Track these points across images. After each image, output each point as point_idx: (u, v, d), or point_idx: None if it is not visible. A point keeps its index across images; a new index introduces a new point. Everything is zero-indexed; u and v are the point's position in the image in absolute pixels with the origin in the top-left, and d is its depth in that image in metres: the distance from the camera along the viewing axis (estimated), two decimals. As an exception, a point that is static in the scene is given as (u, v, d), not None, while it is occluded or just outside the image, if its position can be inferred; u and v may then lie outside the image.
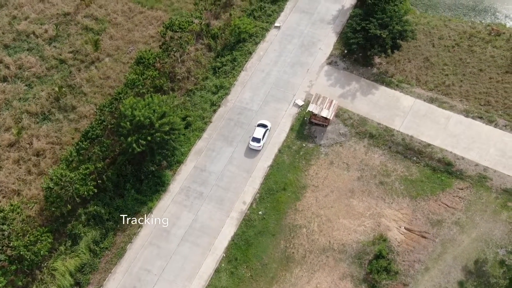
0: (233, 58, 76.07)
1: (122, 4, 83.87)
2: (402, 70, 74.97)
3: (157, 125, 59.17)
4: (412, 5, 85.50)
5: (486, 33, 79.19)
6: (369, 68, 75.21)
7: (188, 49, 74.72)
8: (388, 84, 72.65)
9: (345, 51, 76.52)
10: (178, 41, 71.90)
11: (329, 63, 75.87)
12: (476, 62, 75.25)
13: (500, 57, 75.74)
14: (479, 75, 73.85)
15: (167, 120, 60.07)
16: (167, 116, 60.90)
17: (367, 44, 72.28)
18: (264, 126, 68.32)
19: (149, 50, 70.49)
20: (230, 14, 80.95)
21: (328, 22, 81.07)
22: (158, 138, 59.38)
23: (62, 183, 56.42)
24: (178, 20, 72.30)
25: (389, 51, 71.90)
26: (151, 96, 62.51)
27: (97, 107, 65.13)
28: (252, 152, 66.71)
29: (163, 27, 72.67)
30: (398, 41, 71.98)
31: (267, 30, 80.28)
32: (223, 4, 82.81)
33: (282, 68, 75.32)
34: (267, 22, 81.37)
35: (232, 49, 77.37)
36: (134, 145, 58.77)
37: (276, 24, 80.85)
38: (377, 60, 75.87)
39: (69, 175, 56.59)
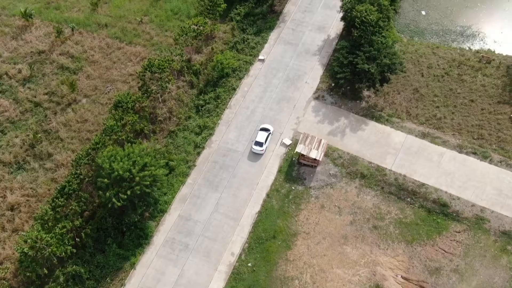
0: (217, 96, 73.07)
1: (99, 40, 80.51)
2: (391, 102, 72.57)
3: (137, 178, 55.79)
4: (398, 32, 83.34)
5: (476, 60, 77.19)
6: (358, 101, 72.68)
7: (169, 87, 71.49)
8: (378, 119, 70.12)
9: (332, 84, 73.90)
10: (158, 82, 68.66)
11: (316, 98, 73.19)
12: (467, 92, 73.13)
13: (491, 86, 73.75)
14: (471, 106, 71.71)
15: (149, 173, 56.73)
16: (148, 167, 57.58)
17: (355, 78, 69.79)
18: (266, 130, 68.11)
19: (128, 93, 67.11)
20: (212, 49, 78.03)
21: (313, 54, 78.47)
22: (139, 192, 56.04)
23: (37, 246, 52.77)
24: (158, 60, 69.07)
25: (378, 85, 69.56)
26: (131, 145, 59.17)
27: (73, 159, 61.31)
28: (239, 198, 63.62)
29: (142, 67, 69.36)
30: (387, 74, 69.56)
31: (251, 64, 77.43)
32: (205, 37, 79.80)
33: (268, 105, 72.47)
34: (250, 55, 78.56)
35: (215, 85, 74.40)
36: (114, 199, 55.31)
37: (260, 57, 78.03)
38: (365, 93, 73.37)
39: (44, 238, 52.98)
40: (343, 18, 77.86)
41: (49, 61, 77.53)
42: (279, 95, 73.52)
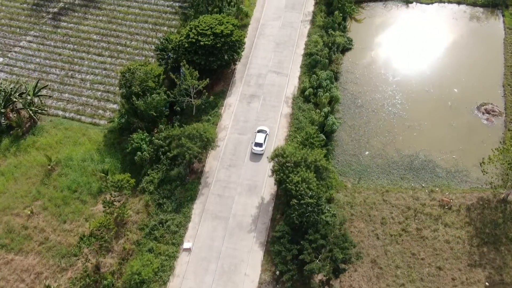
0: (138, 322, 58.47)
1: (-21, 254, 63.73)
2: (349, 286, 60.90)
3: None
4: (341, 174, 72.08)
5: (433, 204, 67.47)
6: (310, 292, 60.46)
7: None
8: (339, 319, 58.27)
9: (277, 273, 61.28)
10: None
11: (261, 296, 60.37)
12: (432, 257, 62.92)
13: (456, 241, 64.15)
14: (439, 277, 61.49)
15: None
16: None
17: (305, 272, 57.65)
18: (264, 131, 73.44)
19: None
20: (124, 248, 63.25)
21: (249, 230, 65.52)
22: None
23: None
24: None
25: (332, 281, 57.74)
26: None
27: None
28: None
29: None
30: (341, 265, 57.83)
31: (175, 258, 63.24)
32: (115, 225, 64.83)
33: (204, 318, 58.77)
34: (173, 243, 64.35)
35: (134, 301, 59.77)
36: None
37: (185, 246, 63.98)
38: (318, 276, 61.26)
39: None
40: (277, 184, 65.70)
41: None
42: (215, 301, 60.04)
